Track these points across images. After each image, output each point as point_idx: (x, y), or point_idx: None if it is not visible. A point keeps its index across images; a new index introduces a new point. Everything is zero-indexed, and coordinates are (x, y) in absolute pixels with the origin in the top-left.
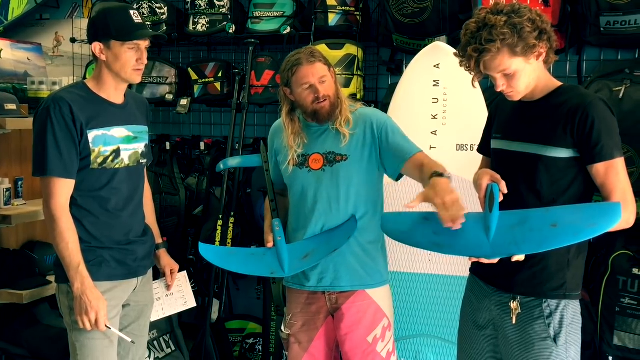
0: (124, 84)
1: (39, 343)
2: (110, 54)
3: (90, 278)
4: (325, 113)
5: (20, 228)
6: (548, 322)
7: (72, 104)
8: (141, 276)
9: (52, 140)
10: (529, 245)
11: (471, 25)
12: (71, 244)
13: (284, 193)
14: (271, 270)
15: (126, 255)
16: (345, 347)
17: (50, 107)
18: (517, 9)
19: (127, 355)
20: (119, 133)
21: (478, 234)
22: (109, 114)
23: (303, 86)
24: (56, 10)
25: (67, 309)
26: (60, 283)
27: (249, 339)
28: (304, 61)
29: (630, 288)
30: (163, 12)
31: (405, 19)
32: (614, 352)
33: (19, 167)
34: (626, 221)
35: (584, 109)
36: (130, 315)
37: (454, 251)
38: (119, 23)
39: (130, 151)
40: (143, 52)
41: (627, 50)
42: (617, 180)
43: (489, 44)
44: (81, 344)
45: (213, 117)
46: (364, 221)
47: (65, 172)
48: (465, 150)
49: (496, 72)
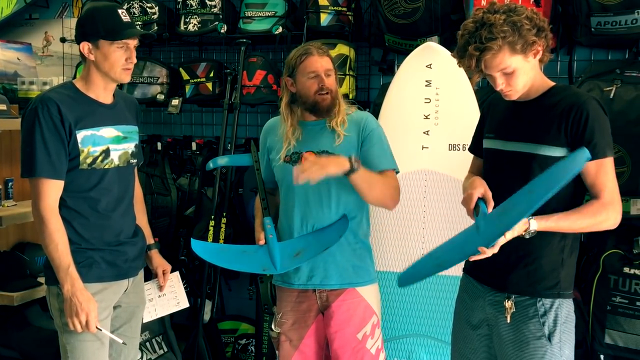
0: (112, 84)
1: (29, 345)
2: (98, 54)
3: (81, 280)
4: (325, 106)
5: (11, 229)
6: (542, 321)
7: (60, 104)
8: (132, 277)
9: (40, 141)
10: (516, 217)
11: (469, 25)
12: (60, 245)
13: (274, 192)
14: (263, 267)
15: (117, 256)
16: (335, 344)
17: (37, 107)
18: (514, 8)
19: (119, 357)
20: (108, 133)
21: (470, 239)
22: (97, 114)
23: (309, 74)
24: (46, 10)
25: (58, 311)
26: (50, 285)
27: (241, 340)
28: (315, 52)
29: (622, 287)
30: (154, 11)
31: (397, 19)
32: (605, 351)
33: (9, 168)
34: (614, 221)
35: (578, 108)
36: (122, 316)
37: (454, 261)
38: (107, 22)
39: (120, 151)
40: (132, 52)
41: (618, 50)
42: (606, 179)
43: (490, 42)
44: (72, 346)
45: (205, 117)
46: (355, 220)
47: (54, 173)
48: (457, 150)
49: (496, 71)
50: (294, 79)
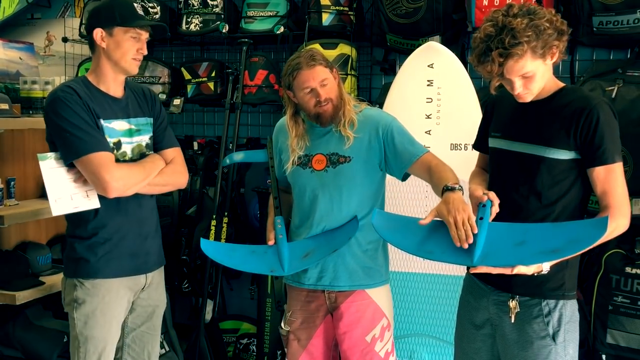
0: (122, 76)
1: (32, 344)
2: (111, 41)
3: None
4: (327, 116)
5: (13, 229)
6: (547, 321)
7: (79, 92)
8: (151, 272)
9: (79, 119)
10: (525, 260)
11: (489, 29)
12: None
13: (288, 190)
14: (271, 268)
15: (137, 249)
16: (343, 345)
17: (60, 96)
18: (534, 10)
19: (143, 352)
20: (120, 126)
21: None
22: (109, 107)
23: (304, 90)
24: (47, 10)
25: (72, 302)
26: (68, 277)
27: (242, 339)
28: (304, 65)
29: (623, 286)
30: (156, 11)
31: (399, 19)
32: (607, 351)
33: (12, 167)
34: (623, 228)
35: (589, 112)
36: (142, 315)
37: (443, 258)
38: (123, 11)
39: (132, 144)
40: (143, 43)
41: (620, 50)
42: (615, 184)
43: (514, 48)
44: (84, 337)
45: (206, 117)
46: (365, 222)
47: (102, 146)
48: (459, 149)
49: (517, 75)
50: (293, 93)
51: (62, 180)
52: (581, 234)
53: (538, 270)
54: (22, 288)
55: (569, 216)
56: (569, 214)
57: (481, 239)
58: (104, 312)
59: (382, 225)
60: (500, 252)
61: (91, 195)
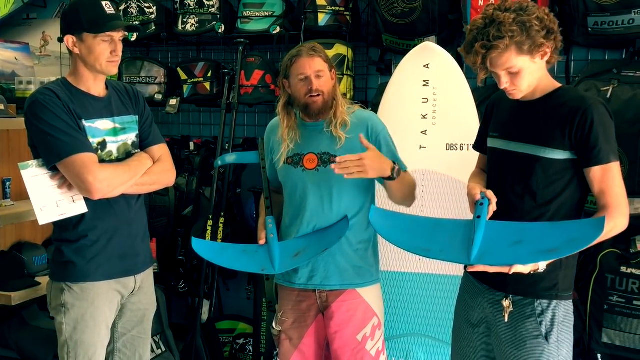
0: (102, 76)
1: (27, 345)
2: (83, 47)
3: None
4: (316, 108)
5: (9, 229)
6: (540, 320)
7: (58, 95)
8: (140, 274)
9: (59, 122)
10: (521, 259)
11: (479, 21)
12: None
13: (280, 191)
14: (262, 267)
15: (125, 250)
16: (334, 345)
17: (39, 99)
18: (525, 7)
19: (134, 356)
20: (104, 125)
21: (465, 242)
22: (91, 107)
23: (299, 77)
24: (43, 10)
25: (60, 307)
26: (55, 281)
27: (239, 339)
28: (304, 53)
29: (619, 286)
30: (152, 11)
31: (395, 19)
32: (603, 350)
33: (7, 167)
34: (621, 227)
35: (584, 112)
36: (133, 320)
37: (440, 256)
38: (90, 15)
39: (117, 143)
40: (117, 44)
41: (615, 50)
42: (613, 184)
43: (497, 41)
44: (74, 342)
45: (202, 117)
46: (355, 221)
47: (84, 147)
48: (455, 149)
49: (501, 70)
50: (288, 81)
51: (46, 187)
52: (578, 234)
53: (535, 269)
54: (18, 289)
55: (564, 216)
56: (564, 214)
57: (478, 238)
58: (93, 316)
59: (379, 222)
60: (498, 250)
61: (77, 200)
